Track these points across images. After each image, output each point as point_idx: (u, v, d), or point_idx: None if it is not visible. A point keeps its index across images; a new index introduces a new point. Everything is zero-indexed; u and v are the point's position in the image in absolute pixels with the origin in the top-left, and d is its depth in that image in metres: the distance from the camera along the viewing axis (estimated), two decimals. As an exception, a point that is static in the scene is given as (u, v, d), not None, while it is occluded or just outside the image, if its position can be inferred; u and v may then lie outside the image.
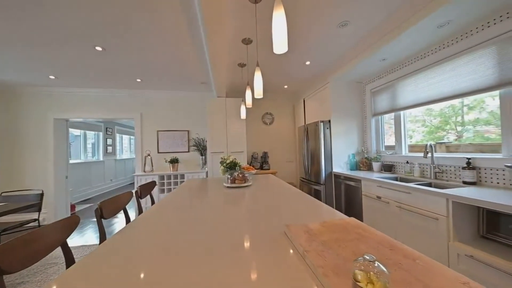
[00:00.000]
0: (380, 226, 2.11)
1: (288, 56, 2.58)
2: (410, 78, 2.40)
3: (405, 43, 2.04)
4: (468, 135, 2.01)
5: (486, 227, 1.51)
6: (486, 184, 1.69)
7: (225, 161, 1.99)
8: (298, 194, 1.51)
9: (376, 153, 3.00)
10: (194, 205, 1.31)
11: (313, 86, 3.68)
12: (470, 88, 1.81)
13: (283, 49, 0.91)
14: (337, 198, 3.03)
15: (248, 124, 4.28)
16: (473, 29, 1.76)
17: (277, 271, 0.57)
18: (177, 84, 3.60)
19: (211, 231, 0.87)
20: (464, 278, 0.46)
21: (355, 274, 0.40)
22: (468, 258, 1.34)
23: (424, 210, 1.62)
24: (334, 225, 0.80)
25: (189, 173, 3.67)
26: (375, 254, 0.58)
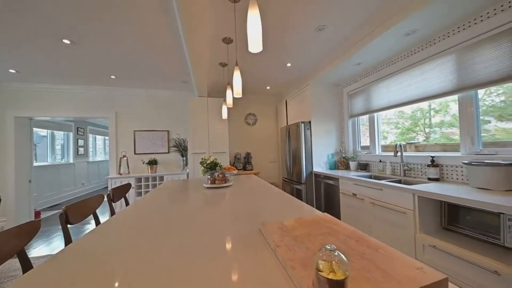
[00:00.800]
0: (356, 222, 2.21)
1: (269, 57, 2.61)
2: (382, 82, 2.55)
3: (377, 48, 2.17)
4: (436, 136, 2.19)
5: (448, 219, 1.66)
6: (447, 180, 1.85)
7: (205, 161, 1.95)
8: (278, 193, 1.52)
9: (353, 153, 3.15)
10: (169, 206, 1.26)
11: (294, 88, 3.76)
12: (436, 92, 1.97)
13: (258, 48, 0.92)
14: (317, 197, 3.12)
15: (231, 124, 4.25)
16: (436, 38, 1.93)
17: (249, 266, 0.57)
18: (156, 82, 3.46)
19: (186, 231, 0.84)
20: (419, 263, 0.49)
21: (318, 264, 0.41)
22: (432, 248, 1.46)
23: (394, 205, 1.73)
24: (307, 221, 0.82)
25: (169, 175, 3.54)
26: (342, 246, 0.61)
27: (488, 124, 1.71)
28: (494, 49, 1.55)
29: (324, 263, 0.41)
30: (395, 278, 0.44)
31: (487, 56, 1.59)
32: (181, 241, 0.75)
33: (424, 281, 0.43)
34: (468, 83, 1.71)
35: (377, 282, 0.44)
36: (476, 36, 1.63)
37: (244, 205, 1.23)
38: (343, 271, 0.39)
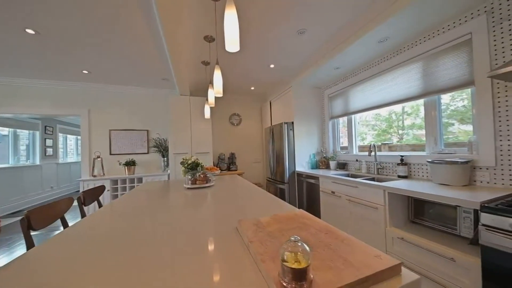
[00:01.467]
0: (335, 218, 2.31)
1: (253, 58, 2.64)
2: (359, 86, 2.70)
3: (354, 54, 2.29)
4: (408, 137, 2.36)
5: (414, 213, 1.80)
6: (415, 177, 2.01)
7: (187, 161, 1.91)
8: (259, 192, 1.54)
9: (333, 152, 3.28)
10: (145, 208, 1.22)
11: (278, 89, 3.83)
12: (405, 96, 2.13)
13: (235, 48, 0.93)
14: (299, 196, 3.21)
15: (214, 124, 4.21)
16: (406, 47, 2.09)
17: (223, 262, 0.58)
18: (134, 79, 3.31)
19: (162, 232, 0.82)
20: (377, 252, 0.54)
21: (283, 255, 0.43)
22: (400, 240, 1.58)
23: (368, 201, 1.84)
24: (283, 217, 0.84)
25: (149, 176, 3.40)
26: (312, 239, 0.64)
27: (452, 126, 1.88)
28: (453, 58, 1.72)
29: (289, 254, 0.43)
30: (354, 265, 0.48)
31: (448, 64, 1.76)
32: (155, 242, 0.73)
33: (379, 267, 0.47)
34: (432, 88, 1.88)
35: (338, 269, 0.47)
36: (438, 46, 1.80)
37: (224, 204, 1.23)
38: (306, 260, 0.42)
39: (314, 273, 0.46)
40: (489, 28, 1.49)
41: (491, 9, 1.48)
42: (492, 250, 1.06)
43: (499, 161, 1.46)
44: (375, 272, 0.45)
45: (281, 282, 0.42)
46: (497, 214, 1.04)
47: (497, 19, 1.46)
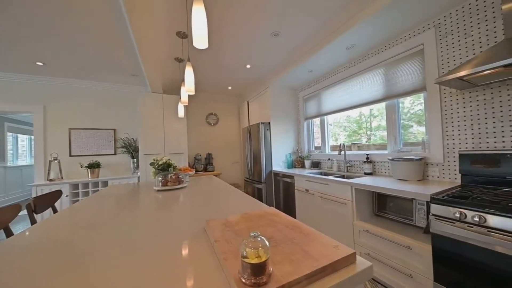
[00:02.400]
0: (308, 215, 2.39)
1: (228, 57, 2.62)
2: (330, 89, 2.85)
3: (325, 58, 2.42)
4: (375, 137, 2.55)
5: (378, 207, 1.95)
6: (378, 174, 2.18)
7: (157, 162, 1.81)
8: (233, 192, 1.53)
9: (308, 152, 3.41)
10: (106, 212, 1.12)
11: (255, 90, 3.86)
12: (369, 99, 2.30)
13: (203, 44, 0.91)
14: (276, 195, 3.26)
15: (190, 124, 4.07)
16: (370, 54, 2.26)
17: (188, 263, 0.56)
18: (99, 73, 3.04)
19: (123, 236, 0.76)
20: (336, 243, 0.57)
21: (242, 251, 0.42)
22: (365, 232, 1.69)
23: (337, 198, 1.94)
24: (252, 215, 0.84)
25: (116, 179, 3.15)
26: (277, 234, 0.65)
27: (412, 128, 2.08)
28: (409, 66, 1.91)
29: (249, 250, 0.43)
30: (313, 257, 0.50)
31: (405, 71, 1.95)
32: (113, 247, 0.67)
33: (336, 256, 0.50)
34: (392, 93, 2.07)
35: (298, 262, 0.48)
36: (397, 54, 1.99)
37: (196, 205, 1.19)
38: (265, 255, 0.42)
39: (275, 267, 0.46)
40: (437, 41, 1.69)
41: (438, 24, 1.69)
42: (440, 237, 1.19)
43: (446, 158, 1.66)
44: (332, 262, 0.47)
45: (240, 279, 0.42)
46: (444, 204, 1.18)
47: (443, 33, 1.66)
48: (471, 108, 1.52)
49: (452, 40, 1.61)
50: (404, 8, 1.59)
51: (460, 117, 1.58)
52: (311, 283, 0.44)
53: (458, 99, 1.59)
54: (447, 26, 1.63)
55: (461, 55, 1.56)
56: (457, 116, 1.60)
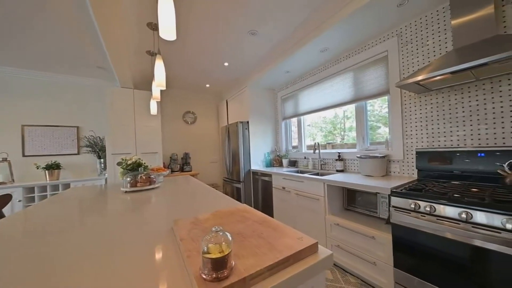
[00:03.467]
0: (285, 212, 2.45)
1: (205, 54, 2.55)
2: (306, 90, 2.96)
3: (301, 60, 2.49)
4: (348, 137, 2.69)
5: (347, 201, 2.08)
6: (349, 171, 2.32)
7: (126, 162, 1.70)
8: (209, 191, 1.50)
9: (286, 151, 3.49)
10: (65, 217, 1.01)
11: (234, 89, 3.83)
12: (341, 101, 2.44)
13: (170, 36, 0.87)
14: (255, 193, 3.28)
15: (166, 122, 3.89)
16: (342, 57, 2.39)
17: (152, 264, 0.53)
18: (58, 64, 2.74)
19: (86, 241, 0.69)
20: (301, 234, 0.59)
21: (202, 247, 0.42)
22: (336, 225, 1.79)
23: (311, 194, 2.02)
24: (224, 212, 0.83)
25: (79, 181, 2.86)
26: (248, 230, 0.65)
27: (379, 129, 2.24)
28: (375, 71, 2.07)
29: (211, 245, 0.42)
30: (277, 249, 0.51)
31: (371, 75, 2.11)
32: (78, 251, 0.61)
33: (299, 247, 0.51)
34: (360, 95, 2.21)
35: (262, 255, 0.49)
36: (365, 59, 2.13)
37: (168, 206, 1.14)
38: (227, 249, 0.42)
39: (239, 261, 0.46)
40: (399, 48, 1.86)
41: (400, 33, 1.85)
42: (399, 226, 1.31)
43: (406, 155, 1.83)
44: (294, 252, 0.49)
45: (201, 275, 0.41)
46: (402, 197, 1.30)
47: (404, 41, 1.83)
48: (426, 110, 1.70)
49: (412, 48, 1.78)
50: (369, 16, 1.71)
51: (417, 118, 1.76)
52: (274, 273, 0.45)
53: (416, 102, 1.77)
54: (408, 35, 1.80)
55: (419, 62, 1.73)
56: (415, 117, 1.77)
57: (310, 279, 0.50)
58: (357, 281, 1.62)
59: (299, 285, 0.48)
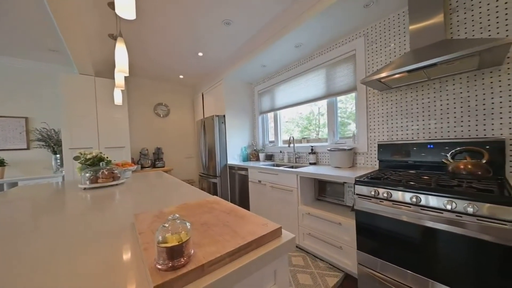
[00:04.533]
0: (261, 204, 2.49)
1: (177, 41, 2.41)
2: (282, 85, 3.00)
3: (277, 54, 2.51)
4: (323, 133, 2.80)
5: (318, 192, 2.19)
6: (321, 164, 2.44)
7: (85, 156, 1.54)
8: (181, 186, 1.44)
9: (263, 145, 3.53)
10: (9, 221, 0.88)
11: (210, 81, 3.71)
12: (314, 97, 2.53)
13: (128, 14, 0.80)
14: (232, 188, 3.26)
15: (135, 114, 3.62)
16: (315, 54, 2.47)
17: (110, 260, 0.49)
18: (1, 44, 2.34)
19: (36, 242, 0.61)
20: (265, 220, 0.60)
21: (157, 236, 0.40)
22: (307, 215, 1.88)
23: (285, 186, 2.09)
24: (191, 205, 0.81)
25: (30, 180, 2.52)
26: (214, 219, 0.64)
27: (349, 125, 2.37)
28: (345, 68, 2.18)
29: (169, 235, 0.40)
30: (241, 235, 0.51)
31: (341, 73, 2.22)
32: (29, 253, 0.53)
33: (262, 232, 0.52)
34: (331, 91, 2.32)
35: (224, 242, 0.49)
36: (336, 57, 2.23)
37: (134, 202, 1.07)
38: (186, 237, 0.40)
39: (200, 249, 0.45)
40: (365, 47, 1.98)
41: (366, 33, 1.97)
42: (362, 212, 1.42)
43: (369, 147, 1.98)
44: (257, 238, 0.50)
45: (156, 266, 0.39)
46: (364, 185, 1.41)
47: (370, 41, 1.95)
48: (387, 107, 1.86)
49: (376, 48, 1.91)
50: (339, 15, 1.78)
51: (379, 114, 1.91)
52: (235, 259, 0.45)
53: (378, 99, 1.92)
54: (373, 36, 1.93)
55: (382, 61, 1.87)
56: (377, 113, 1.92)
57: (273, 262, 0.51)
58: (326, 265, 1.74)
59: (262, 268, 0.49)
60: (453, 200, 1.04)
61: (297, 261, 1.81)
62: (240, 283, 0.46)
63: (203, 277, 0.40)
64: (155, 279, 0.35)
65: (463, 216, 1.01)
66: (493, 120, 1.34)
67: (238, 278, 0.44)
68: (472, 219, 0.99)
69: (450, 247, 1.06)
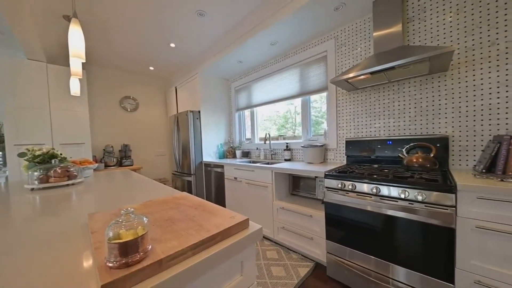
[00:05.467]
0: (237, 201, 2.48)
1: (147, 29, 2.25)
2: (259, 82, 3.01)
3: (253, 51, 2.50)
4: (299, 131, 2.86)
5: (293, 187, 2.27)
6: (295, 160, 2.52)
7: (33, 153, 1.35)
8: (147, 183, 1.35)
9: (239, 142, 3.50)
10: None
11: (184, 75, 3.55)
12: (289, 95, 2.59)
13: None
14: (207, 186, 3.18)
15: (97, 108, 3.29)
16: (291, 53, 2.53)
17: (61, 263, 0.44)
18: None
19: None
20: (233, 214, 0.59)
21: (107, 233, 0.36)
22: (282, 209, 1.93)
23: (261, 182, 2.11)
24: (157, 202, 0.76)
25: (-37, 182, 2.13)
26: (180, 215, 0.61)
27: (323, 123, 2.47)
28: (317, 68, 2.27)
29: (122, 231, 0.37)
30: (206, 228, 0.50)
31: (314, 72, 2.31)
32: None
33: (228, 224, 0.51)
34: (305, 90, 2.41)
35: (188, 236, 0.47)
36: (310, 57, 2.31)
37: (93, 202, 0.97)
38: (142, 231, 0.37)
39: (161, 244, 0.43)
40: (336, 49, 2.09)
41: (337, 36, 2.08)
42: (330, 204, 1.50)
43: (338, 144, 2.11)
44: (222, 230, 0.49)
45: (106, 264, 0.36)
46: (332, 178, 1.50)
47: (339, 44, 2.06)
48: (354, 106, 1.99)
49: (345, 51, 2.03)
50: (311, 16, 1.85)
51: (347, 112, 2.04)
52: (198, 252, 0.44)
53: (346, 99, 2.04)
54: (343, 39, 2.04)
55: (350, 63, 2.00)
56: (346, 111, 2.05)
57: (239, 253, 0.51)
58: (299, 257, 1.81)
59: (228, 260, 0.48)
60: (406, 190, 1.16)
61: (272, 255, 1.85)
62: (205, 275, 0.45)
63: (162, 272, 0.37)
64: (103, 278, 0.32)
65: (414, 204, 1.14)
66: (440, 119, 1.53)
67: (202, 271, 0.42)
68: (421, 206, 1.12)
69: (405, 233, 1.18)
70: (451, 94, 1.48)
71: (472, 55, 1.39)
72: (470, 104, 1.41)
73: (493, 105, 1.34)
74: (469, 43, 1.40)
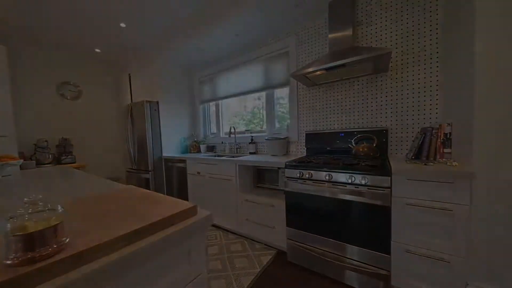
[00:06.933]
0: (200, 195, 2.40)
1: (89, 3, 1.93)
2: (224, 74, 2.93)
3: (216, 39, 2.39)
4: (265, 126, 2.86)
5: (258, 179, 2.30)
6: (260, 153, 2.56)
7: None
8: (87, 180, 1.18)
9: (204, 136, 3.37)
10: None
11: (139, 61, 3.20)
12: (254, 88, 2.60)
13: None
14: (168, 182, 2.98)
15: (25, 95, 2.71)
16: (255, 46, 2.52)
17: None
18: None
19: None
20: (181, 202, 0.56)
21: (6, 225, 0.29)
22: (246, 201, 1.94)
23: (224, 175, 2.08)
24: (92, 197, 0.67)
25: None
26: (120, 208, 0.54)
27: (288, 120, 2.53)
28: (281, 63, 2.33)
29: (28, 223, 0.30)
30: (146, 218, 0.45)
31: (278, 67, 2.36)
32: None
33: (171, 212, 0.48)
34: (269, 84, 2.45)
35: (123, 225, 0.41)
36: (273, 51, 2.35)
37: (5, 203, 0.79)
38: (55, 221, 0.31)
39: (85, 237, 0.37)
40: (296, 46, 2.17)
41: (298, 33, 2.16)
42: (290, 193, 1.58)
43: (299, 137, 2.22)
44: (162, 218, 0.45)
45: (3, 262, 0.29)
46: (292, 168, 1.57)
47: (300, 41, 2.15)
48: (313, 101, 2.12)
49: (305, 48, 2.13)
50: (273, 10, 1.87)
51: (307, 106, 2.16)
52: (134, 241, 0.39)
53: (306, 94, 2.16)
54: (303, 36, 2.13)
55: (309, 60, 2.11)
56: (306, 106, 2.17)
57: (185, 242, 0.48)
58: (262, 246, 1.86)
59: (171, 249, 0.45)
60: (353, 175, 1.30)
61: (236, 248, 1.85)
62: (144, 266, 0.41)
63: (82, 266, 0.32)
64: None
65: (359, 187, 1.28)
66: (381, 114, 1.75)
67: (138, 262, 0.38)
68: (365, 189, 1.26)
69: (354, 214, 1.32)
70: (390, 92, 1.71)
71: (406, 58, 1.63)
72: (404, 101, 1.65)
73: (421, 102, 1.59)
74: (404, 48, 1.63)
